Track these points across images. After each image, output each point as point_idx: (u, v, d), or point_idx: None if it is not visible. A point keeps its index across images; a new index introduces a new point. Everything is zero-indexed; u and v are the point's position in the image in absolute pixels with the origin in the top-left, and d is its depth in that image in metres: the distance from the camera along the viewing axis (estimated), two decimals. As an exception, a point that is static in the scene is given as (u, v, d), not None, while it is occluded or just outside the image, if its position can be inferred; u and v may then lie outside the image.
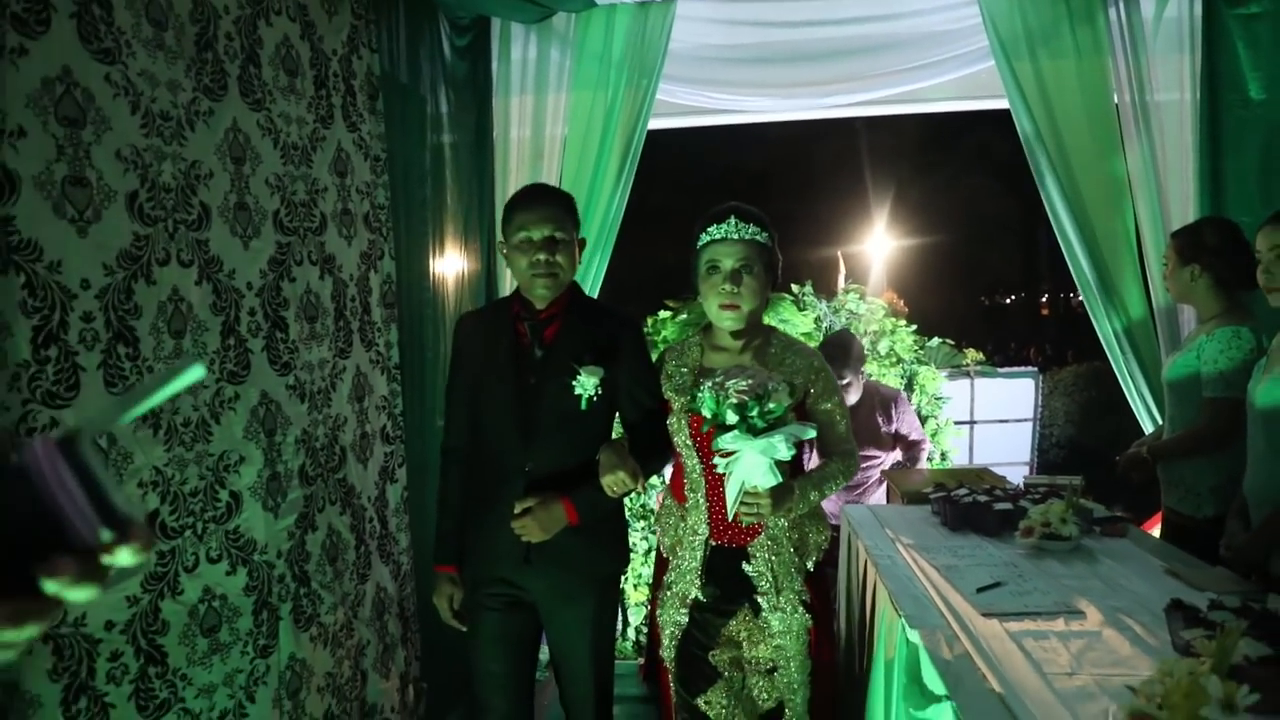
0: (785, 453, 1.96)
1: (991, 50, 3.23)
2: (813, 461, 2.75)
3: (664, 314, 5.16)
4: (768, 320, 4.46)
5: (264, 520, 2.06)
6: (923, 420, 5.21)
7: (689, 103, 3.60)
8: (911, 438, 3.82)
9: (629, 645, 4.31)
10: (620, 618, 4.58)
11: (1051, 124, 3.24)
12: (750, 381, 1.97)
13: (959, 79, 3.50)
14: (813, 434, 2.06)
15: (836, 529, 2.96)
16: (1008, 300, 24.10)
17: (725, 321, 2.14)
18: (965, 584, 2.07)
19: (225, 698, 1.94)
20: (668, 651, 2.20)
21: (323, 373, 2.33)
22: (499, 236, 2.17)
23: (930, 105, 3.82)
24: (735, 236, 2.09)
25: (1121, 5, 3.20)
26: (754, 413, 1.94)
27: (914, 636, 1.81)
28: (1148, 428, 3.19)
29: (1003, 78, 3.24)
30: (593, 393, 2.02)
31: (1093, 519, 2.53)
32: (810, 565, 2.16)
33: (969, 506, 2.59)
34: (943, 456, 5.21)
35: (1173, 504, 2.57)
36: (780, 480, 2.00)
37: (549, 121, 3.47)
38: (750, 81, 3.46)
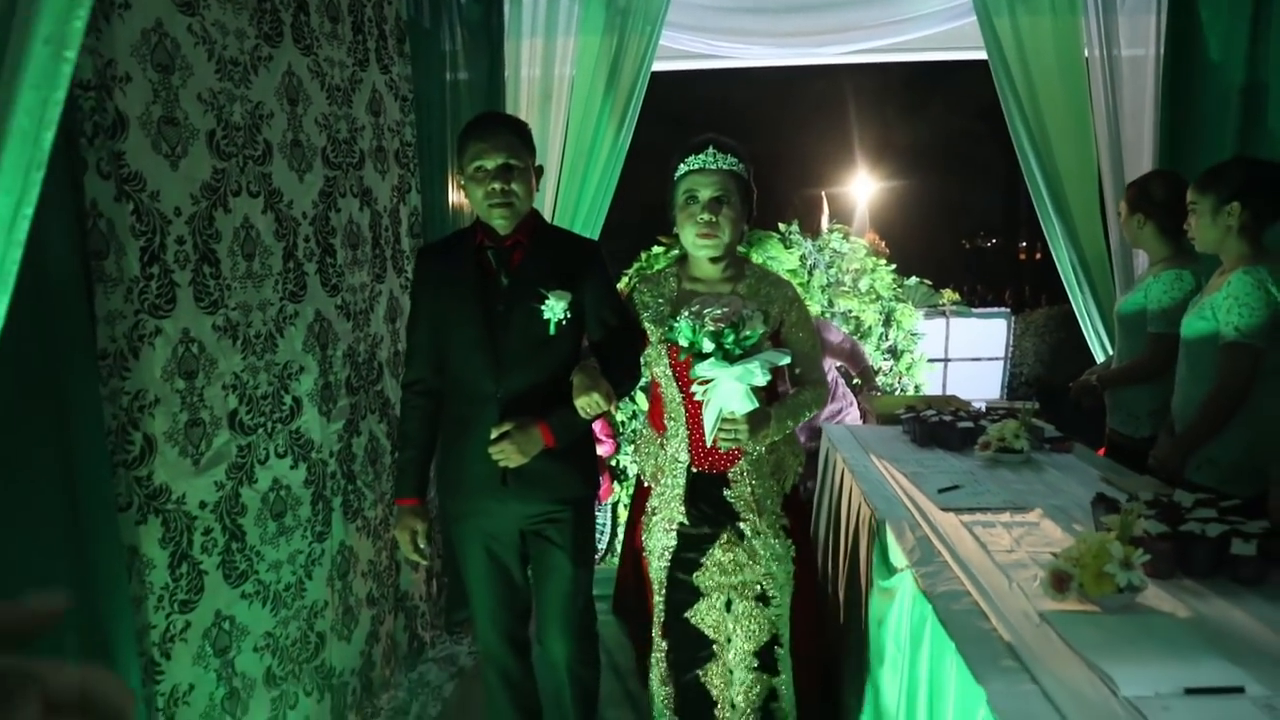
0: (761, 379, 2.00)
1: (973, 5, 3.45)
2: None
3: (657, 249, 5.42)
4: (755, 258, 4.75)
5: (319, 423, 2.35)
6: (898, 355, 5.54)
7: (689, 49, 3.81)
8: (836, 340, 4.09)
9: (615, 561, 4.65)
10: (610, 532, 4.93)
11: (1026, 76, 3.48)
12: (725, 309, 2.01)
13: (943, 31, 3.72)
14: (787, 360, 2.09)
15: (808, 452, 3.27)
16: (989, 244, 24.46)
17: (702, 251, 2.14)
18: (928, 486, 2.40)
19: (289, 574, 2.25)
20: (657, 574, 2.22)
21: (363, 295, 2.59)
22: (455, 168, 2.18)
23: (914, 55, 4.05)
24: (713, 166, 2.10)
25: (1094, -38, 3.42)
26: (730, 340, 1.98)
27: (880, 523, 2.13)
28: (1100, 358, 3.51)
29: (982, 32, 3.46)
30: (562, 317, 2.04)
31: (1044, 437, 2.86)
32: (787, 488, 2.22)
33: (936, 425, 2.91)
34: (916, 389, 5.55)
35: (1115, 425, 2.90)
36: (757, 405, 2.04)
37: (558, 63, 3.67)
38: (747, 30, 3.67)
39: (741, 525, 2.14)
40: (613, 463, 5.10)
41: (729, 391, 2.00)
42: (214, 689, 1.99)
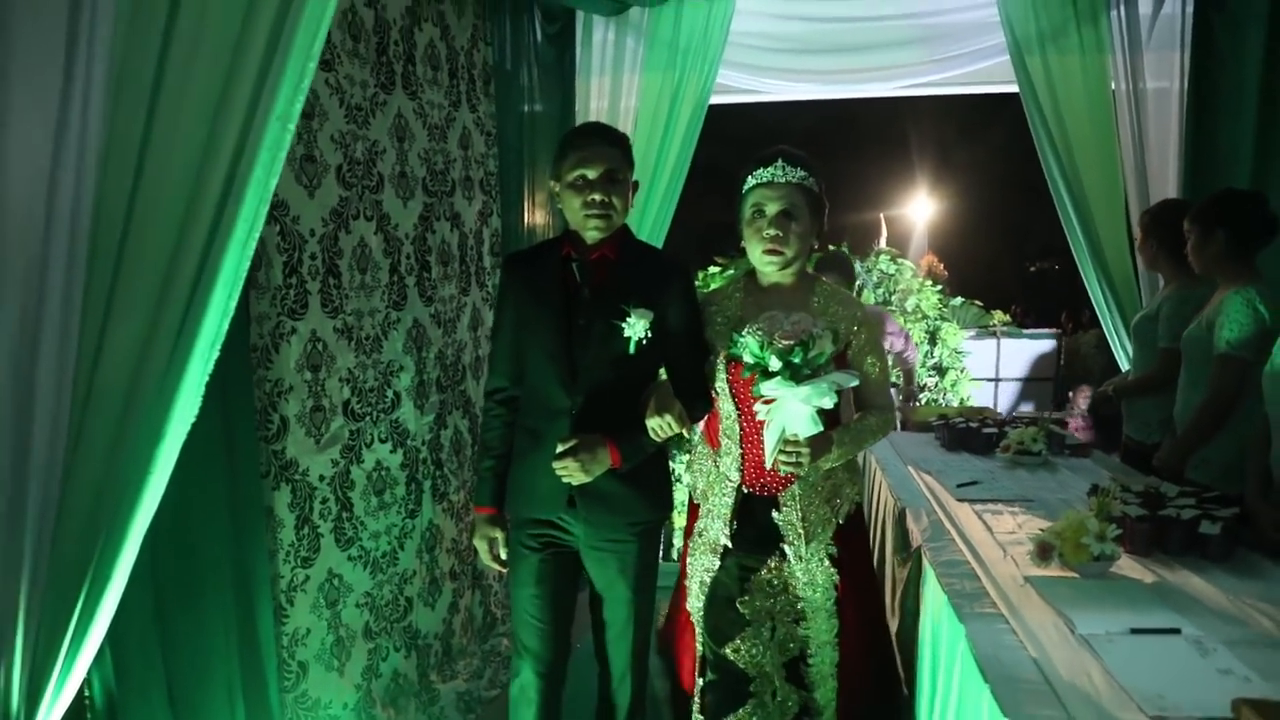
0: (829, 400, 1.93)
1: (1007, 46, 3.73)
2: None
3: (713, 269, 5.75)
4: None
5: (414, 415, 2.73)
6: (943, 372, 5.77)
7: (743, 85, 4.16)
8: (895, 349, 4.33)
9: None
10: (665, 540, 5.23)
11: (1056, 111, 3.72)
12: (794, 326, 1.95)
13: (980, 69, 4.01)
14: (856, 382, 2.03)
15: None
16: (1054, 267, 24.26)
17: (769, 266, 2.09)
18: (949, 481, 2.67)
19: (385, 543, 2.62)
20: (695, 600, 2.18)
21: (452, 305, 2.98)
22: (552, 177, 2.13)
23: (951, 89, 4.33)
24: (782, 180, 2.03)
25: (1123, 6, 3.67)
26: (798, 359, 1.90)
27: (902, 510, 2.42)
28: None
29: (1015, 70, 3.73)
30: (642, 335, 1.99)
31: (1065, 444, 3.11)
32: (841, 518, 2.12)
33: (963, 430, 3.18)
34: (960, 404, 5.77)
35: (1130, 432, 3.14)
36: (821, 429, 1.96)
37: (624, 96, 4.03)
38: (797, 69, 4.01)
39: (786, 549, 2.08)
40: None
41: (794, 413, 1.92)
42: (325, 635, 2.36)
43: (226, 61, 1.20)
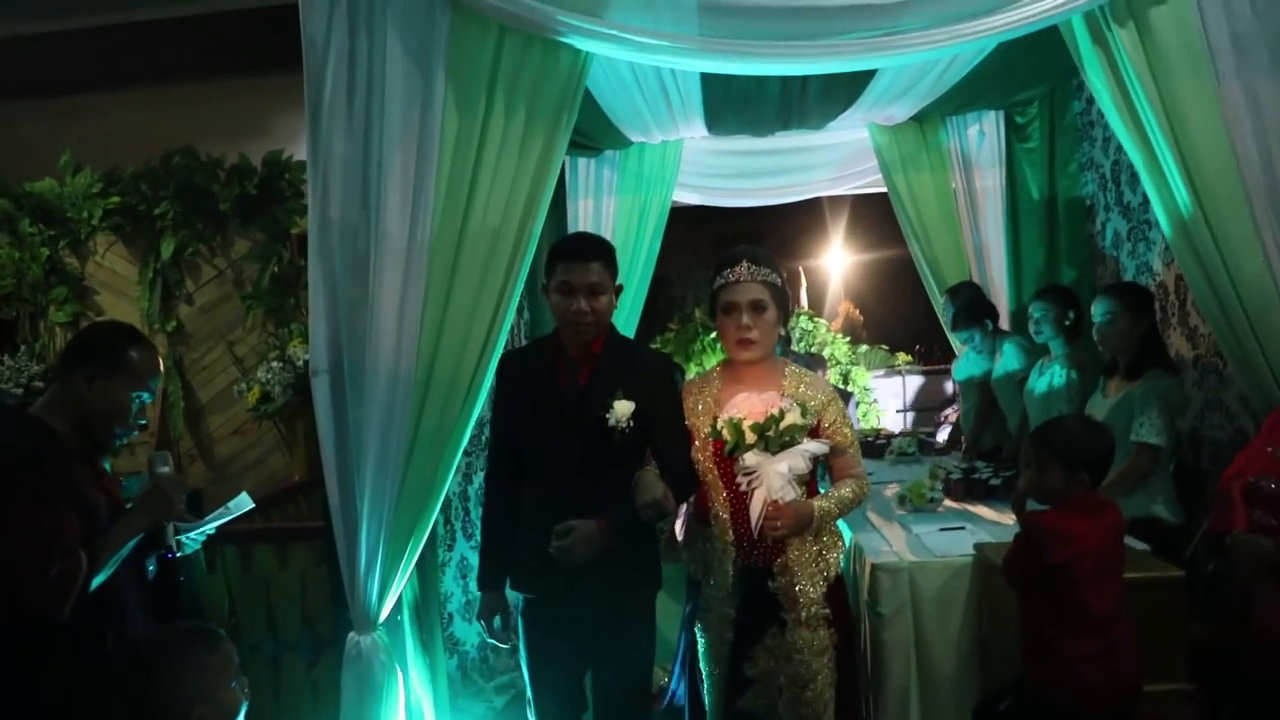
0: (804, 466, 2.21)
1: (879, 166, 5.23)
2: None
3: (669, 334, 7.16)
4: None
5: (496, 451, 4.00)
6: (855, 405, 7.23)
7: (691, 199, 5.62)
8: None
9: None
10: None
11: (916, 211, 5.21)
12: (764, 404, 2.24)
13: (864, 181, 5.54)
14: (827, 449, 2.31)
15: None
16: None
17: (742, 356, 2.33)
18: (853, 473, 4.06)
19: (486, 538, 3.87)
20: (713, 668, 2.39)
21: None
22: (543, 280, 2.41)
23: (848, 192, 5.86)
24: (748, 279, 2.30)
25: (957, 137, 5.20)
26: (771, 431, 2.16)
27: (824, 492, 3.80)
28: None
29: (885, 182, 5.23)
30: (625, 423, 2.17)
31: (933, 448, 4.55)
32: (830, 578, 2.35)
33: (862, 443, 4.58)
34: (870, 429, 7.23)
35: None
36: (800, 496, 2.23)
37: (604, 211, 5.42)
38: (732, 188, 5.50)
39: (785, 616, 2.29)
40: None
41: (773, 480, 2.17)
42: (460, 597, 3.61)
43: (504, 202, 2.34)
